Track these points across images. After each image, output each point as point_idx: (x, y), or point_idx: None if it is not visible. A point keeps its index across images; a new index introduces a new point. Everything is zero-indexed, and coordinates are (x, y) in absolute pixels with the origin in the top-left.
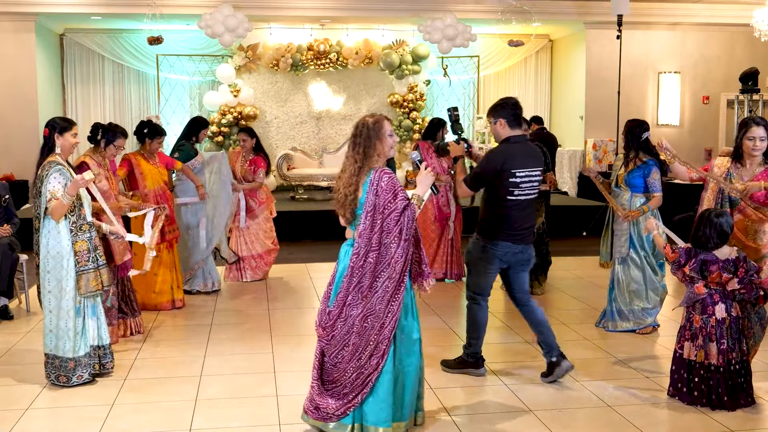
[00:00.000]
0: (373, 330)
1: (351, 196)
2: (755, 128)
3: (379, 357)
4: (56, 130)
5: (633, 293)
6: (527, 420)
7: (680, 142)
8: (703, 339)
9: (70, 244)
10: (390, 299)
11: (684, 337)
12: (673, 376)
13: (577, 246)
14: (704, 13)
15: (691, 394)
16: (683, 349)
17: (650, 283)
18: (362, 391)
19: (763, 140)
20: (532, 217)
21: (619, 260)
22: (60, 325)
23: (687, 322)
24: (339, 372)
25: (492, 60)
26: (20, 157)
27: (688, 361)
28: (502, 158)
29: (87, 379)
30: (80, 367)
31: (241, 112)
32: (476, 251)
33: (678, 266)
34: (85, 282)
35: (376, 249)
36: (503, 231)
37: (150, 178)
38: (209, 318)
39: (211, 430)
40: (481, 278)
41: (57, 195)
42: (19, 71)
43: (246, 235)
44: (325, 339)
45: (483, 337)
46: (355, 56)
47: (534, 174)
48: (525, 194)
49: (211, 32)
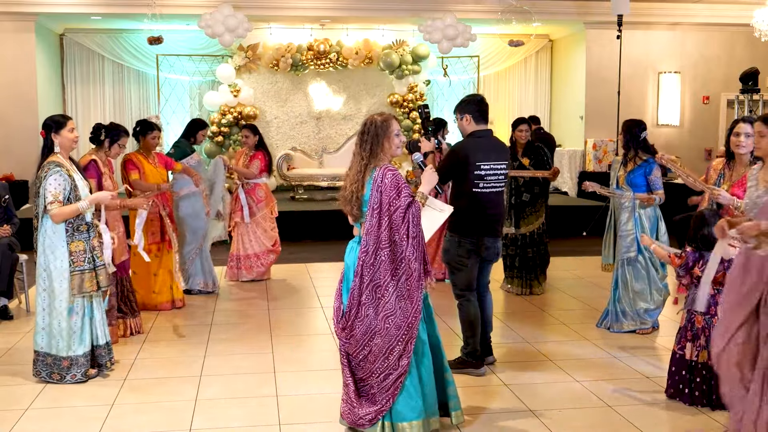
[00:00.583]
0: (400, 330)
1: (356, 193)
2: (741, 125)
3: (408, 357)
4: (52, 130)
5: (637, 294)
6: (527, 420)
7: (680, 142)
8: (705, 339)
9: (65, 244)
10: (411, 296)
11: (685, 338)
12: (674, 377)
13: (577, 246)
14: (704, 13)
15: (692, 394)
16: (685, 350)
17: (654, 283)
18: (393, 394)
19: (748, 136)
20: (499, 210)
21: (625, 261)
22: (53, 323)
23: (688, 323)
24: (365, 372)
25: (492, 60)
26: (20, 157)
27: (689, 361)
28: (466, 152)
29: (81, 379)
30: (75, 366)
31: (241, 112)
32: (453, 248)
33: (687, 269)
34: (79, 282)
35: (387, 246)
36: (473, 224)
37: (152, 179)
38: (209, 318)
39: (211, 430)
40: (464, 274)
41: (59, 198)
42: (19, 71)
43: (244, 233)
44: (344, 338)
45: (479, 332)
46: (355, 56)
47: (498, 167)
48: (490, 187)
49: (211, 32)
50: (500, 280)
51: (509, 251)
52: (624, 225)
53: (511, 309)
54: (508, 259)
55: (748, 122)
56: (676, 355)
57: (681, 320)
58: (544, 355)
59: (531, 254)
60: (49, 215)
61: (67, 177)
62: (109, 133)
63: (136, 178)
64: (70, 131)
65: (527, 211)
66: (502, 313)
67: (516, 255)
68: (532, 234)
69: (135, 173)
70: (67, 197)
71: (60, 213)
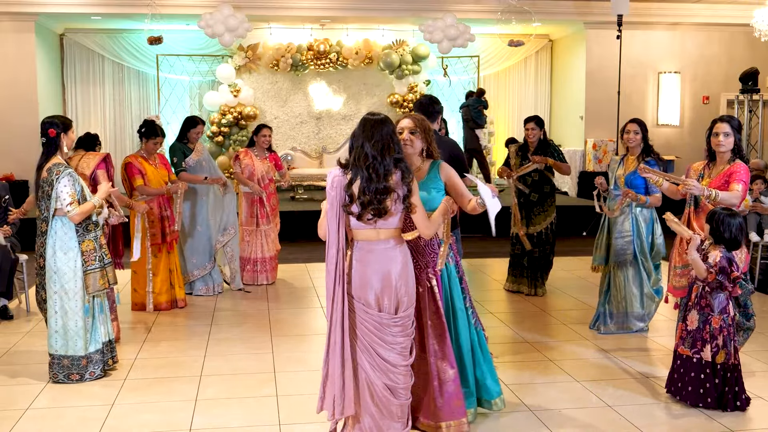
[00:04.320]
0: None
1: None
2: (719, 124)
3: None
4: (61, 129)
5: (629, 297)
6: (527, 420)
7: (680, 142)
8: (723, 339)
9: (77, 245)
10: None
11: (700, 340)
12: (683, 378)
13: (577, 246)
14: (704, 13)
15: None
16: (703, 352)
17: (646, 287)
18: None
19: (727, 135)
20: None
21: (618, 263)
22: (68, 325)
23: (704, 325)
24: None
25: (492, 60)
26: (20, 157)
27: (701, 361)
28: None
29: (99, 375)
30: (92, 363)
31: (241, 112)
32: None
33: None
34: (93, 281)
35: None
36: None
37: (154, 181)
38: (209, 318)
39: (211, 430)
40: None
41: (76, 198)
42: (19, 71)
43: (261, 237)
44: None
45: None
46: (355, 56)
47: None
48: None
49: (211, 32)
50: (502, 281)
51: (515, 251)
52: (621, 226)
53: (511, 309)
54: (516, 259)
55: (726, 122)
56: (692, 358)
57: (691, 322)
58: (544, 355)
59: (538, 254)
60: (68, 216)
61: (78, 177)
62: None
63: (140, 184)
64: (72, 133)
65: (535, 211)
66: (502, 313)
67: (524, 255)
68: (539, 234)
69: (139, 179)
70: (79, 197)
71: (80, 212)
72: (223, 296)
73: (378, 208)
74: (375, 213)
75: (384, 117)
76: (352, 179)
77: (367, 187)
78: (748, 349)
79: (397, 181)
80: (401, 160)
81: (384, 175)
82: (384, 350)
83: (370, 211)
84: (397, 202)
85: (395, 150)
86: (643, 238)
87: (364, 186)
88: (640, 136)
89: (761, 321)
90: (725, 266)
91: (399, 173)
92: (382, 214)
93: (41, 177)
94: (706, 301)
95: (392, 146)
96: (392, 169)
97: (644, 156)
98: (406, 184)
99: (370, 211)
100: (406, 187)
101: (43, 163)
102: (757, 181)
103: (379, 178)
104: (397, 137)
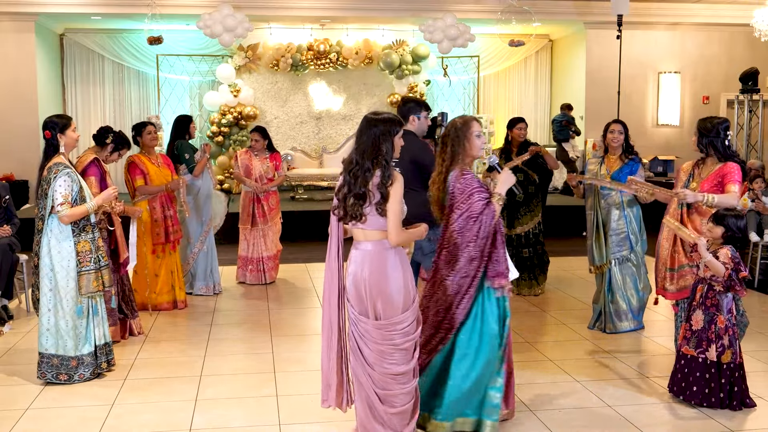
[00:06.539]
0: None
1: (437, 194)
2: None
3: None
4: (57, 130)
5: (629, 293)
6: (527, 420)
7: (680, 142)
8: (729, 339)
9: (72, 245)
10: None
11: (706, 340)
12: (687, 378)
13: (576, 246)
14: (704, 13)
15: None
16: (708, 352)
17: (644, 281)
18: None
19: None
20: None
21: (617, 261)
22: (60, 324)
23: (709, 324)
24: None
25: (492, 60)
26: (20, 157)
27: (706, 361)
28: None
29: (88, 378)
30: (83, 365)
31: (241, 112)
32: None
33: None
34: (86, 282)
35: (446, 246)
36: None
37: (156, 180)
38: (209, 318)
39: (211, 430)
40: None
41: (69, 199)
42: (19, 71)
43: (262, 236)
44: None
45: None
46: (355, 56)
47: None
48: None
49: (211, 32)
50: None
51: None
52: (615, 223)
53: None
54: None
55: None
56: (698, 358)
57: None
58: (544, 355)
59: (528, 254)
60: (58, 216)
61: (75, 178)
62: (115, 139)
63: (141, 184)
64: (73, 131)
65: (521, 211)
66: None
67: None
68: (527, 234)
69: (140, 179)
70: (75, 198)
71: (71, 214)
72: (223, 296)
73: (354, 213)
74: (353, 217)
75: (383, 117)
76: (341, 183)
77: (348, 192)
78: (748, 349)
79: (375, 185)
80: (384, 164)
81: (363, 180)
82: (367, 351)
83: (350, 215)
84: (371, 207)
85: (383, 152)
86: (637, 235)
87: (345, 192)
88: (623, 136)
89: (761, 321)
90: (739, 262)
91: (378, 177)
92: (359, 218)
93: (42, 176)
94: (711, 300)
95: (378, 148)
96: (372, 173)
97: (627, 155)
98: (381, 189)
99: (350, 215)
100: (380, 192)
101: (44, 163)
102: (757, 180)
103: (357, 184)
104: (388, 138)
